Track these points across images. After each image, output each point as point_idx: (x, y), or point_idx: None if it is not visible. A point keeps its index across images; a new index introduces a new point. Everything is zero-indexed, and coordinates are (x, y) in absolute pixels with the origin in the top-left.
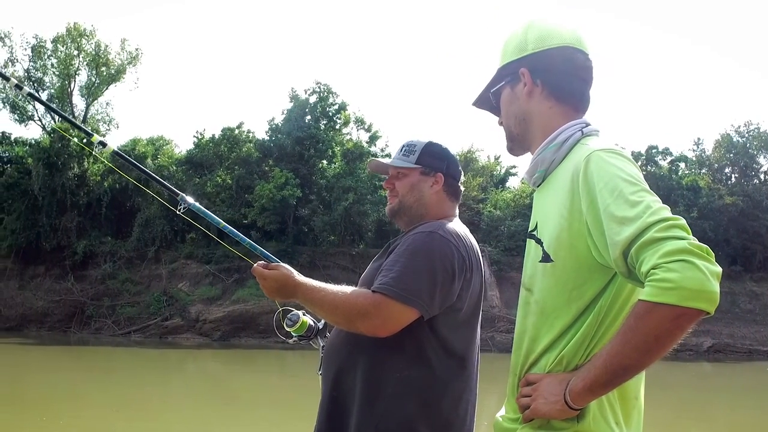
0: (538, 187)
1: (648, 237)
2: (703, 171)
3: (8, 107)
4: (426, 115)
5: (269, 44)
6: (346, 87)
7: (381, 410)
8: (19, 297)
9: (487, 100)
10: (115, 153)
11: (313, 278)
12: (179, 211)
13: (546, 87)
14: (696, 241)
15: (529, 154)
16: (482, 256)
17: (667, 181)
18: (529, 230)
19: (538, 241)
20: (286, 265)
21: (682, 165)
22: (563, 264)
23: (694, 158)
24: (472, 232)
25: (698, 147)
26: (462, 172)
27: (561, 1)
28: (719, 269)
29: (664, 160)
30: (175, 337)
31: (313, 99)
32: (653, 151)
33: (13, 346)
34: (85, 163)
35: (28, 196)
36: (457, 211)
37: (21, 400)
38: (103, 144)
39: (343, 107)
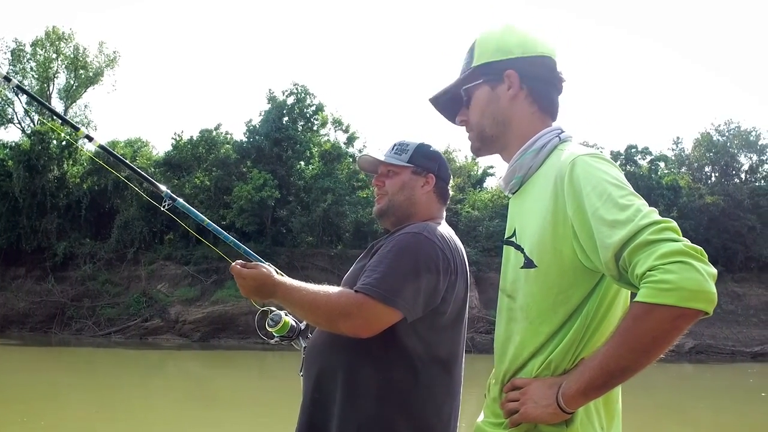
0: (513, 194)
1: (642, 239)
2: (683, 170)
3: None
4: (403, 115)
5: (246, 45)
6: (323, 88)
7: (363, 413)
8: (1, 298)
9: (450, 98)
10: (100, 147)
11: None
12: (163, 207)
13: (531, 94)
14: (690, 243)
15: (498, 157)
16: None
17: (646, 180)
18: (507, 237)
19: (518, 248)
20: (266, 264)
21: (662, 164)
22: (547, 269)
23: (673, 157)
24: None
25: (677, 146)
26: (451, 176)
27: (541, 4)
28: (715, 270)
29: (644, 159)
30: (155, 337)
31: (290, 100)
32: (632, 150)
33: None
34: (65, 165)
35: (8, 198)
36: (444, 213)
37: (2, 400)
38: (89, 137)
39: (320, 108)
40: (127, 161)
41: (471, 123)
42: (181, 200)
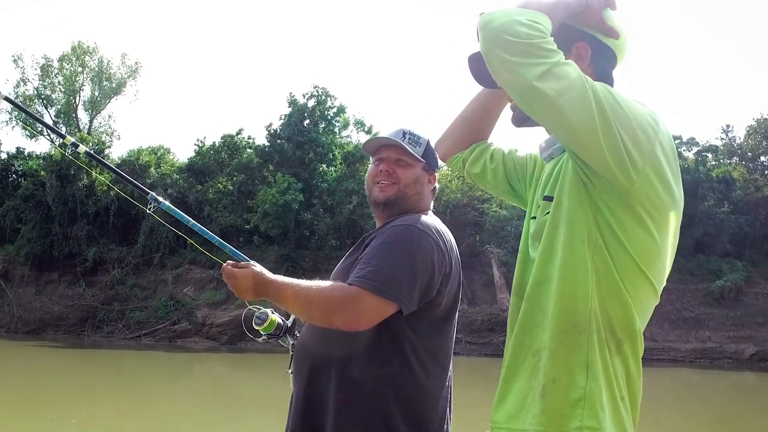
0: (551, 159)
1: None
2: (734, 161)
3: (20, 124)
4: (426, 114)
5: (266, 50)
6: (345, 90)
7: (359, 408)
8: (37, 302)
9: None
10: (87, 154)
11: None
12: (149, 210)
13: (596, 71)
14: None
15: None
16: (491, 257)
17: (693, 173)
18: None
19: (549, 198)
20: (257, 264)
21: (710, 155)
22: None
23: (723, 147)
24: (477, 233)
25: (728, 135)
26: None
27: None
28: None
29: (690, 151)
30: (183, 340)
31: (311, 103)
32: (677, 142)
33: (32, 348)
34: (93, 174)
35: (42, 206)
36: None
37: (37, 399)
38: (75, 145)
39: (341, 110)
40: (112, 166)
41: None
42: (166, 203)
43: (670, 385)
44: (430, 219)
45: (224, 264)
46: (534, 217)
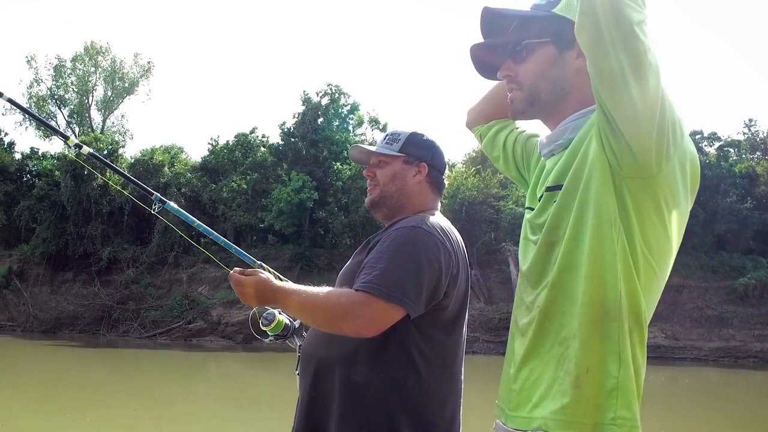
0: (553, 155)
1: None
2: (757, 155)
3: (33, 124)
4: (440, 110)
5: (279, 48)
6: (358, 87)
7: (363, 412)
8: (52, 301)
9: (489, 47)
10: (90, 155)
11: (331, 280)
12: (154, 210)
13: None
14: None
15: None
16: (508, 255)
17: (715, 169)
18: (549, 185)
19: (556, 188)
20: (264, 270)
21: (732, 150)
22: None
23: (745, 142)
24: (492, 230)
25: (750, 129)
26: (447, 165)
27: None
28: None
29: (711, 146)
30: (199, 339)
31: (325, 101)
32: (698, 137)
33: (48, 347)
34: (107, 174)
35: (57, 206)
36: (439, 204)
37: (51, 397)
38: (78, 146)
39: (355, 108)
40: (115, 166)
41: (522, 82)
42: (171, 203)
43: (690, 383)
44: (436, 218)
45: (231, 271)
46: (531, 208)
